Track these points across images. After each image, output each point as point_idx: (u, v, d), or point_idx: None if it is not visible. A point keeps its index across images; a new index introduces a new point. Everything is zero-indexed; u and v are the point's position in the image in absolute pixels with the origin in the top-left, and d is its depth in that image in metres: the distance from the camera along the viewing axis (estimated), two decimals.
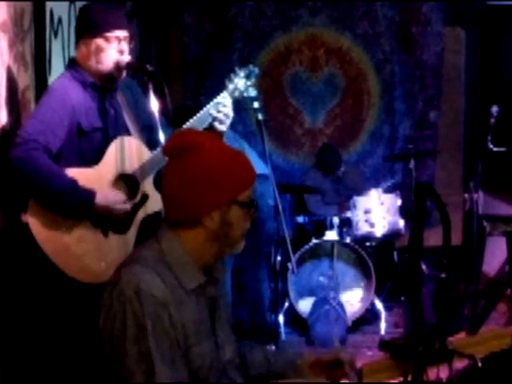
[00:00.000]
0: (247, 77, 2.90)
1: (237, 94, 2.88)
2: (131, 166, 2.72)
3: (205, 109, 2.82)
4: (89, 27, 2.69)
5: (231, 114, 2.84)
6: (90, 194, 2.57)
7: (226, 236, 1.79)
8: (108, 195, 2.62)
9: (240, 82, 2.88)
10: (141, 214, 2.73)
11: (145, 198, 2.73)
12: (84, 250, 2.59)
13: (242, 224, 1.81)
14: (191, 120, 2.81)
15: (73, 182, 2.54)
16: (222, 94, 2.86)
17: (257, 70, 2.95)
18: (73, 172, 2.58)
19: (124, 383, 1.67)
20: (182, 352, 1.71)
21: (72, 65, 2.76)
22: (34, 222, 2.52)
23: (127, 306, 1.65)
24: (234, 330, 1.99)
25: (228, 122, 2.83)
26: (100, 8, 2.72)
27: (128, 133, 2.80)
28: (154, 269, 1.71)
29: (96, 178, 2.64)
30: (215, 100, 2.83)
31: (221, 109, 2.80)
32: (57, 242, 2.54)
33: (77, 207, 2.56)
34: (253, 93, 3.01)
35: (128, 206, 2.67)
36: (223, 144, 1.85)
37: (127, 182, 2.74)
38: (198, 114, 2.82)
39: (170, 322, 1.68)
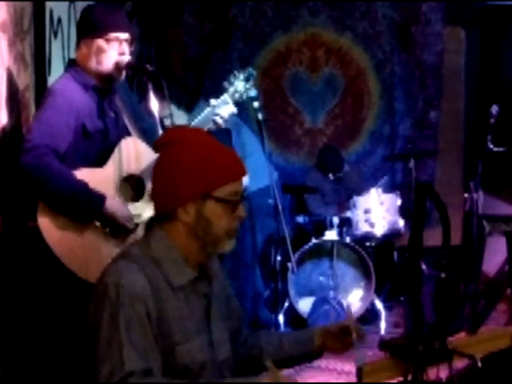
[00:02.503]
0: (246, 79, 2.95)
1: (237, 96, 2.95)
2: (137, 166, 2.73)
3: (206, 112, 2.87)
4: (90, 28, 2.69)
5: (234, 110, 2.93)
6: (100, 197, 2.58)
7: (206, 233, 1.77)
8: (117, 207, 2.62)
9: (240, 85, 2.94)
10: (147, 215, 2.74)
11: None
12: (94, 250, 2.60)
13: (224, 223, 1.77)
14: (195, 121, 2.86)
15: (84, 186, 2.55)
16: (222, 97, 2.90)
17: (255, 73, 3.02)
18: (80, 173, 2.58)
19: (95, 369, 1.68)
20: (164, 349, 1.70)
21: (72, 66, 2.76)
22: (44, 225, 2.52)
23: (106, 298, 1.68)
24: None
25: (227, 119, 2.91)
26: (102, 9, 2.74)
27: (129, 134, 2.81)
28: (140, 264, 1.72)
29: (103, 179, 2.64)
30: (216, 102, 2.88)
31: (221, 111, 2.86)
32: (67, 243, 2.55)
33: (88, 209, 2.57)
34: (253, 93, 3.04)
35: (132, 224, 2.67)
36: (209, 139, 1.83)
37: (133, 182, 2.75)
38: (200, 117, 2.88)
39: (147, 317, 1.68)
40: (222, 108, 2.88)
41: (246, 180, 2.34)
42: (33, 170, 2.46)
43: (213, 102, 2.89)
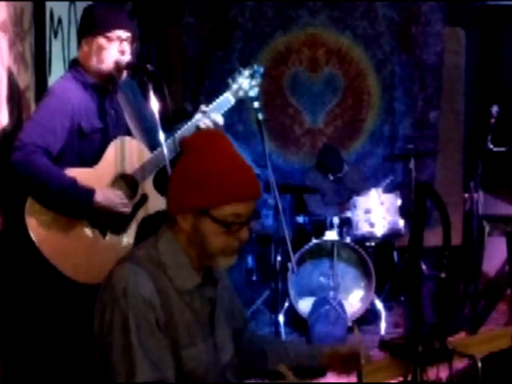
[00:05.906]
0: (252, 76, 2.88)
1: (241, 93, 2.86)
2: (131, 166, 2.73)
3: (193, 119, 2.80)
4: (91, 26, 2.70)
5: (221, 120, 2.82)
6: (89, 192, 2.57)
7: (201, 247, 1.74)
8: (108, 194, 2.62)
9: (244, 82, 2.86)
10: (140, 215, 2.73)
11: (144, 198, 2.73)
12: (81, 250, 2.59)
13: (220, 242, 1.72)
14: (182, 129, 2.79)
15: (72, 181, 2.55)
16: (224, 95, 2.84)
17: (262, 69, 2.91)
18: (72, 172, 2.59)
19: (109, 379, 1.67)
20: (172, 353, 1.69)
21: (74, 65, 2.76)
22: (31, 223, 2.52)
23: (115, 304, 1.66)
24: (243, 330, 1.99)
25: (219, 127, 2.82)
26: (103, 8, 2.74)
27: (129, 134, 2.80)
28: (146, 268, 1.71)
29: (95, 178, 2.64)
30: (207, 108, 2.82)
31: (211, 117, 2.79)
32: (54, 242, 2.55)
33: (76, 205, 2.57)
34: (253, 93, 3.00)
35: (128, 209, 2.67)
36: (231, 152, 1.75)
37: (127, 182, 2.74)
38: (187, 124, 2.80)
39: (156, 322, 1.67)
40: (212, 115, 2.79)
41: None
42: (21, 167, 2.47)
43: (203, 107, 2.82)
